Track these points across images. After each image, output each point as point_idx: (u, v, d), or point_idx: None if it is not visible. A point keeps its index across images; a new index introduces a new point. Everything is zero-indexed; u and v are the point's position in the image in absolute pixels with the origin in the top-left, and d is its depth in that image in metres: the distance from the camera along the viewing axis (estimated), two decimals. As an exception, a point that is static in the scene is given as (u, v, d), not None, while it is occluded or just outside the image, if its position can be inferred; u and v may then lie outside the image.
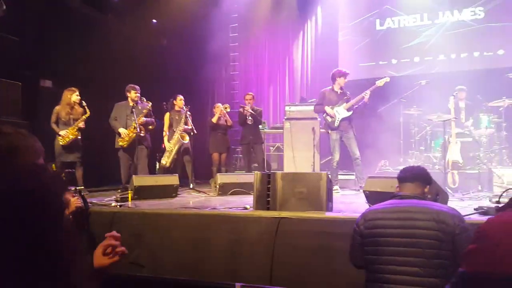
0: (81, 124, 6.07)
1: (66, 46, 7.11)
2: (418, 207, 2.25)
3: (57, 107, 6.11)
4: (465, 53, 8.41)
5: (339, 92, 6.23)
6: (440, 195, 4.07)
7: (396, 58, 9.06)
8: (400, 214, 2.25)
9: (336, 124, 6.09)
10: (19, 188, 0.74)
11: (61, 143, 5.95)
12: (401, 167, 7.07)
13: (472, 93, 7.07)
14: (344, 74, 6.25)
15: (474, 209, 3.78)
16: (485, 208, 3.67)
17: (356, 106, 6.13)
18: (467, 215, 3.47)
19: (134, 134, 6.20)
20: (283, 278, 3.17)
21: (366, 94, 6.01)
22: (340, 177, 6.41)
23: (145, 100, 6.54)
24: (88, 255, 1.22)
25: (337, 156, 6.11)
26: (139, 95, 6.42)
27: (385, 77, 6.31)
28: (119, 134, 6.30)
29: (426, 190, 2.42)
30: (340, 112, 6.11)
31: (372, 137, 7.21)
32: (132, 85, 6.48)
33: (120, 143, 6.29)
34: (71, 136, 5.98)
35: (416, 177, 2.43)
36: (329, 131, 6.21)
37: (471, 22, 8.41)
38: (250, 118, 7.05)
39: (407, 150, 7.57)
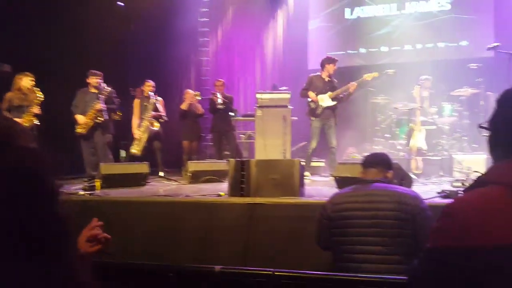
0: (36, 110, 5.71)
1: (27, 29, 6.81)
2: (381, 190, 2.38)
3: (8, 94, 5.75)
4: (430, 43, 8.69)
5: (326, 80, 6.23)
6: (405, 180, 4.26)
7: (364, 47, 9.26)
8: (364, 198, 2.37)
9: (319, 111, 6.13)
10: (22, 168, 0.76)
11: None
12: (368, 154, 7.30)
13: (436, 83, 7.34)
14: (333, 61, 6.23)
15: (437, 193, 3.98)
16: (447, 192, 3.88)
17: (342, 96, 6.18)
18: (430, 198, 3.65)
19: (93, 121, 6.08)
20: (258, 262, 3.23)
21: (352, 85, 6.07)
22: (314, 164, 6.53)
23: (106, 87, 6.38)
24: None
25: (314, 144, 6.18)
26: (99, 80, 6.26)
27: (366, 67, 6.39)
28: (77, 121, 6.14)
29: (388, 175, 2.54)
30: (325, 100, 6.14)
31: (341, 125, 7.37)
32: (92, 70, 6.31)
33: (79, 130, 6.15)
34: (26, 124, 5.49)
35: (378, 162, 2.55)
36: (312, 118, 6.25)
37: (437, 13, 8.69)
38: (221, 102, 7.00)
39: (373, 137, 7.79)
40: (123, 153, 7.29)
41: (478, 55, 7.68)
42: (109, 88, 6.31)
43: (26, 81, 5.79)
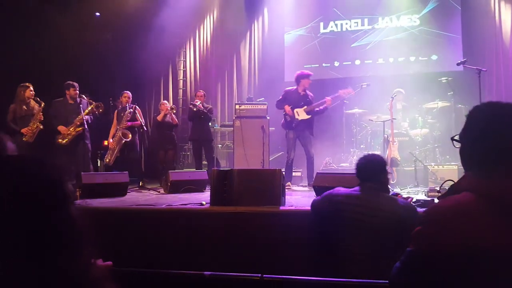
0: (40, 116, 6.09)
1: (5, 39, 6.74)
2: (381, 198, 2.59)
3: (12, 105, 6.06)
4: (402, 57, 9.00)
5: (301, 94, 6.38)
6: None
7: (338, 60, 9.49)
8: (362, 201, 2.60)
9: (294, 124, 6.28)
10: (40, 175, 0.82)
11: (25, 139, 5.94)
12: (344, 164, 7.41)
13: (408, 95, 7.60)
14: (307, 76, 6.39)
15: (412, 203, 4.12)
16: (421, 201, 4.01)
17: (317, 109, 6.33)
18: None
19: (75, 132, 6.15)
20: (241, 270, 3.29)
21: (328, 100, 6.24)
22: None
23: (84, 97, 6.44)
24: None
25: (292, 155, 6.31)
26: (77, 92, 6.33)
27: (348, 87, 6.58)
28: (59, 132, 6.16)
29: (384, 179, 2.80)
30: (300, 113, 6.29)
31: (317, 136, 7.53)
32: (70, 82, 6.37)
33: (60, 141, 6.14)
34: (34, 131, 6.03)
35: (370, 176, 2.76)
36: (286, 130, 6.41)
37: (408, 28, 9.02)
38: (197, 108, 7.03)
39: (349, 148, 7.99)
40: (100, 163, 7.24)
41: (448, 69, 8.01)
42: (94, 102, 6.40)
43: (28, 92, 6.11)
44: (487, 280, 1.11)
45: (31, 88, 6.14)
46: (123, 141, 6.64)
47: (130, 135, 6.68)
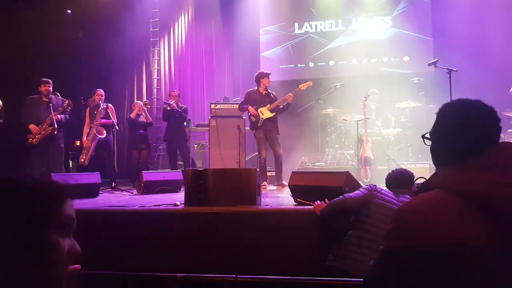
0: None
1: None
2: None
3: None
4: (375, 58, 9.14)
5: (263, 93, 6.42)
6: (356, 188, 4.45)
7: (313, 61, 9.56)
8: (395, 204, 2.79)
9: (260, 123, 6.30)
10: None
11: None
12: (319, 164, 7.46)
13: (381, 95, 7.72)
14: (266, 75, 6.45)
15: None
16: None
17: (281, 106, 6.37)
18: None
19: (47, 131, 5.95)
20: (217, 271, 3.26)
21: (289, 96, 6.28)
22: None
23: (59, 96, 6.25)
24: None
25: (264, 154, 6.31)
26: (50, 89, 6.13)
27: (308, 80, 6.62)
28: (30, 131, 5.96)
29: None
30: (264, 112, 6.32)
31: (292, 136, 7.58)
32: (43, 79, 6.16)
33: (31, 140, 5.95)
34: None
35: (402, 186, 3.03)
36: (254, 130, 6.42)
37: (380, 30, 9.17)
38: (171, 107, 6.95)
39: (324, 147, 8.06)
40: (72, 164, 7.06)
41: (420, 69, 8.19)
42: (67, 100, 6.18)
43: None
44: (458, 277, 1.11)
45: None
46: (97, 139, 6.49)
47: (105, 132, 6.54)
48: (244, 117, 7.06)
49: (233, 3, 9.91)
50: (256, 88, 6.51)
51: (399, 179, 3.04)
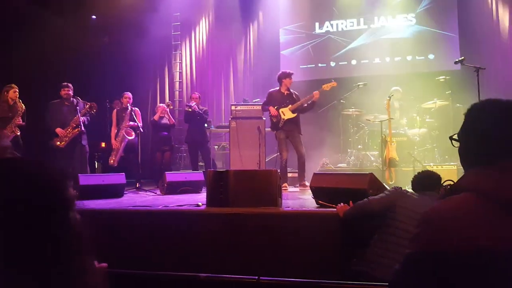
0: (18, 121, 5.87)
1: (3, 41, 6.75)
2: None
3: None
4: (398, 56, 8.99)
5: (285, 93, 6.38)
6: (380, 190, 4.36)
7: (334, 60, 9.47)
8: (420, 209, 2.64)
9: (281, 124, 6.27)
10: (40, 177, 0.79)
11: None
12: (342, 165, 7.38)
13: (406, 95, 7.57)
14: (288, 75, 6.42)
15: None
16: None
17: (306, 105, 6.31)
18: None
19: (73, 133, 6.12)
20: (238, 271, 3.26)
21: (316, 93, 6.22)
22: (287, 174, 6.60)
23: (80, 99, 6.40)
24: None
25: (285, 155, 6.28)
26: (70, 93, 6.29)
27: (331, 80, 6.54)
28: (56, 134, 6.12)
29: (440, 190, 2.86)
30: (285, 112, 6.28)
31: (314, 137, 7.52)
32: (63, 83, 6.33)
33: (58, 143, 6.10)
34: (9, 134, 5.74)
35: (429, 188, 2.92)
36: (275, 131, 6.39)
37: (404, 28, 9.01)
38: (192, 109, 7.01)
39: (346, 148, 7.96)
40: (97, 165, 7.21)
41: (446, 68, 7.98)
42: (88, 103, 6.33)
43: (11, 93, 5.92)
44: (486, 281, 1.08)
45: (16, 89, 5.98)
46: (126, 140, 6.62)
47: (134, 133, 6.67)
48: (264, 118, 7.05)
49: (253, 5, 9.92)
50: (278, 88, 6.48)
51: (426, 181, 2.96)
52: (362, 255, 2.92)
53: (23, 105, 5.98)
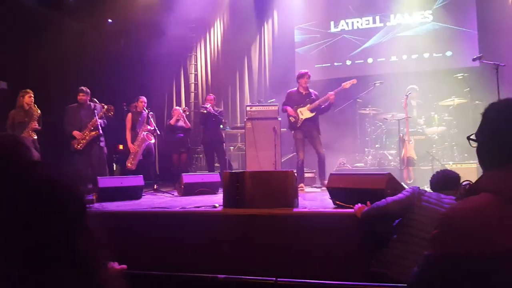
0: (34, 125, 5.99)
1: (22, 46, 6.88)
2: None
3: (12, 111, 6.06)
4: (415, 54, 8.87)
5: (304, 93, 6.39)
6: (398, 190, 4.30)
7: (350, 59, 9.40)
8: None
9: (299, 124, 6.27)
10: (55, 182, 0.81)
11: None
12: (359, 164, 7.32)
13: (423, 93, 7.47)
14: (302, 75, 6.41)
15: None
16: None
17: (323, 106, 6.30)
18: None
19: (91, 136, 6.22)
20: (256, 273, 3.27)
21: (331, 95, 6.21)
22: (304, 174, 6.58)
23: (97, 102, 6.50)
24: None
25: (301, 155, 6.27)
26: (87, 97, 6.40)
27: (352, 78, 6.51)
28: (74, 137, 6.23)
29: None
30: (303, 112, 6.28)
31: (330, 136, 7.47)
32: (81, 87, 6.44)
33: (76, 146, 6.22)
34: (26, 139, 5.81)
35: (451, 186, 2.90)
36: (293, 131, 6.39)
37: (421, 25, 8.88)
38: (207, 111, 7.05)
39: (363, 148, 7.90)
40: (115, 167, 7.30)
41: (464, 65, 7.84)
42: (105, 106, 6.42)
43: (27, 98, 6.05)
44: (505, 281, 1.07)
45: (31, 94, 6.11)
46: (146, 144, 6.71)
47: (153, 137, 6.75)
48: (279, 119, 7.05)
49: (267, 4, 9.92)
50: (296, 88, 6.49)
51: (444, 181, 2.93)
52: (381, 256, 2.89)
53: (38, 109, 6.11)
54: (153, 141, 6.73)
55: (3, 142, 1.05)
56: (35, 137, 6.02)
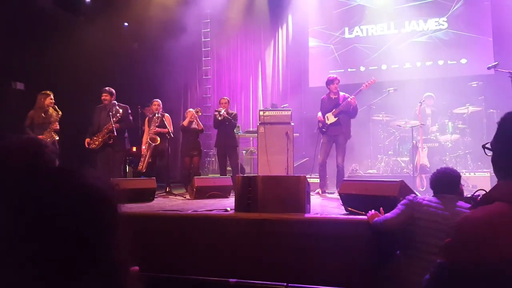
0: (55, 125, 6.08)
1: (38, 48, 7.00)
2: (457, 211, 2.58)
3: (31, 112, 6.12)
4: (430, 61, 8.81)
5: (333, 98, 6.42)
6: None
7: (364, 65, 9.38)
8: (449, 210, 2.62)
9: (325, 129, 6.31)
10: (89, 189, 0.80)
11: None
12: (371, 171, 7.27)
13: (437, 100, 7.41)
14: (331, 81, 6.42)
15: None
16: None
17: (346, 110, 6.24)
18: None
19: (104, 138, 6.28)
20: (267, 277, 3.27)
21: (352, 99, 6.18)
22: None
23: (117, 104, 6.56)
24: None
25: (320, 158, 6.28)
26: (108, 98, 6.43)
27: (371, 78, 6.49)
28: (90, 136, 6.35)
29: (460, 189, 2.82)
30: (329, 117, 6.32)
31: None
32: (104, 88, 6.50)
33: (91, 146, 6.31)
34: (48, 140, 5.93)
35: (452, 189, 2.79)
36: (321, 135, 6.42)
37: (436, 32, 8.84)
38: (222, 114, 7.10)
39: (376, 154, 7.85)
40: (128, 169, 7.37)
41: (478, 72, 7.77)
42: (123, 107, 6.48)
43: (47, 100, 6.12)
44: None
45: (52, 96, 6.19)
46: (153, 145, 6.75)
47: (159, 139, 6.77)
48: (292, 124, 7.05)
49: (282, 8, 9.97)
50: (327, 94, 6.52)
51: (444, 180, 2.80)
52: (386, 272, 2.86)
53: (60, 111, 6.19)
54: (158, 143, 6.75)
55: (28, 146, 1.05)
56: (57, 138, 6.10)
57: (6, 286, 0.70)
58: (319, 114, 6.42)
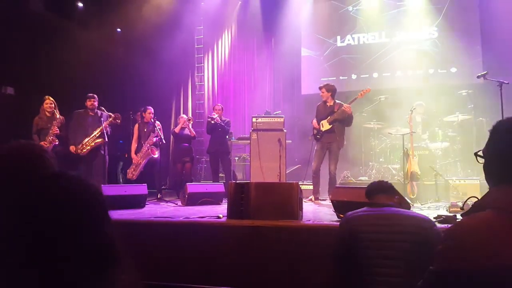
0: (54, 130, 6.13)
1: (29, 52, 6.96)
2: (397, 214, 2.38)
3: (35, 118, 6.20)
4: (420, 70, 8.91)
5: (328, 105, 6.45)
6: (402, 205, 4.29)
7: (355, 73, 9.46)
8: (380, 221, 2.35)
9: (319, 136, 6.33)
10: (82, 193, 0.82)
11: None
12: (363, 178, 7.30)
13: (427, 108, 7.49)
14: (319, 88, 6.50)
15: (434, 218, 4.02)
16: (443, 217, 3.89)
17: (340, 118, 6.26)
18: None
19: (94, 143, 6.27)
20: (258, 284, 3.27)
21: (347, 107, 6.19)
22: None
23: (105, 110, 6.54)
24: None
25: (313, 165, 6.30)
26: (96, 104, 6.45)
27: (358, 93, 6.52)
28: (73, 142, 6.31)
29: (395, 200, 2.62)
30: (324, 125, 6.34)
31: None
32: (89, 94, 6.50)
33: (81, 151, 6.27)
34: (48, 145, 6.00)
35: (386, 189, 2.64)
36: (316, 142, 6.44)
37: (426, 41, 8.95)
38: (215, 117, 7.09)
39: (367, 161, 7.90)
40: (119, 176, 7.32)
41: (468, 81, 7.87)
42: (112, 115, 6.47)
43: (45, 105, 6.20)
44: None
45: (50, 100, 6.23)
46: (149, 158, 6.73)
47: (157, 153, 6.76)
48: (285, 130, 7.07)
49: (275, 17, 10.03)
50: (323, 101, 6.55)
51: (379, 185, 2.71)
52: None
53: (61, 116, 6.26)
54: (156, 155, 6.73)
55: (24, 152, 1.06)
56: (57, 142, 6.16)
57: (6, 286, 0.71)
58: (314, 121, 6.45)
